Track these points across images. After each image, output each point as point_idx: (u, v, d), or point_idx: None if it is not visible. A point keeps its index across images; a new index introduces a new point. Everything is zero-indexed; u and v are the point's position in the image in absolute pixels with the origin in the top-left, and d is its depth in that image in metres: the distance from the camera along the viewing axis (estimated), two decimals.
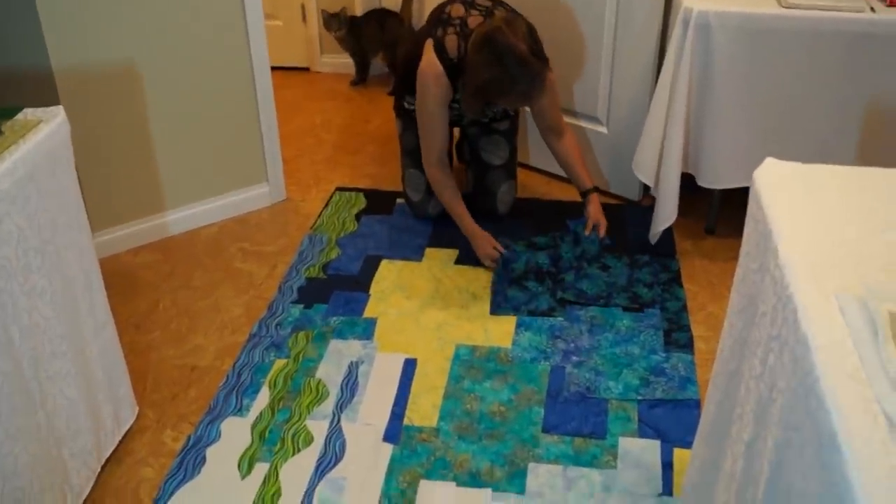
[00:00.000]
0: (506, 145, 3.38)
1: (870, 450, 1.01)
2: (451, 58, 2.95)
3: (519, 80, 2.79)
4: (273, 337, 2.78)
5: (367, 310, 2.91)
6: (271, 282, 3.07)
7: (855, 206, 1.49)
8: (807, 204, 1.50)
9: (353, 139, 4.17)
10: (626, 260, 3.17)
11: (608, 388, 2.56)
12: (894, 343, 1.15)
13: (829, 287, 1.27)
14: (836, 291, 1.26)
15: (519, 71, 2.77)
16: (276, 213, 3.53)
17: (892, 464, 1.00)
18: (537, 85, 2.83)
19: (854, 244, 1.38)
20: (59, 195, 1.99)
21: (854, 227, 1.43)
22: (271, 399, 2.53)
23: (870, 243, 1.38)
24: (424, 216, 3.41)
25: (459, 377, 2.61)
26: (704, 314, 2.89)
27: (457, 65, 2.95)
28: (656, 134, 3.03)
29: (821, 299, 1.25)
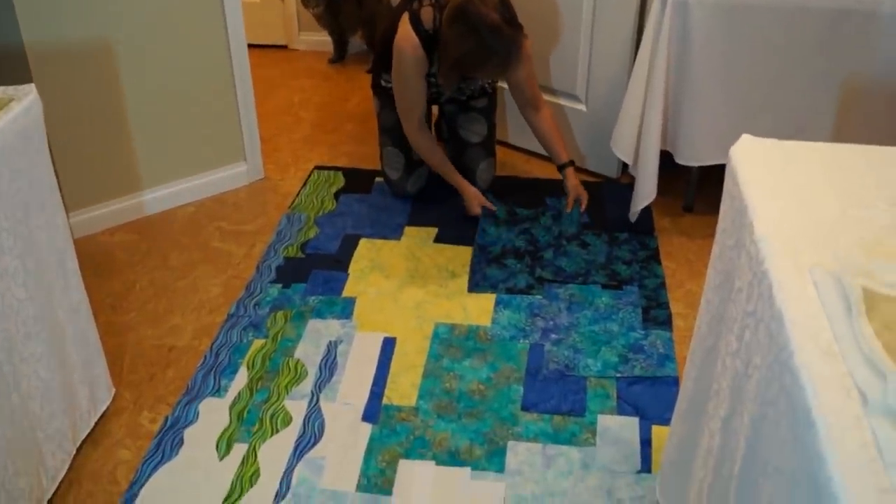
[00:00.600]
0: (484, 123, 3.37)
1: (843, 424, 1.02)
2: (426, 29, 2.95)
3: (495, 50, 2.79)
4: (251, 317, 2.77)
5: (346, 289, 2.90)
6: (249, 261, 3.06)
7: (830, 183, 1.49)
8: (782, 180, 1.49)
9: (331, 118, 4.14)
10: (605, 237, 3.17)
11: (587, 365, 2.56)
12: (867, 318, 1.16)
13: (803, 263, 1.27)
14: (810, 267, 1.26)
15: (494, 40, 2.77)
16: (253, 192, 3.52)
17: (866, 438, 1.00)
18: (513, 53, 2.83)
19: (829, 220, 1.38)
20: (31, 175, 1.97)
21: (829, 204, 1.43)
22: (249, 379, 2.52)
23: (844, 219, 1.38)
24: (403, 194, 3.40)
25: (438, 356, 2.61)
26: (683, 291, 2.90)
27: (432, 36, 2.95)
28: (635, 111, 3.02)
29: (795, 275, 1.25)
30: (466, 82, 3.20)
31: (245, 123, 3.46)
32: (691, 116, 2.99)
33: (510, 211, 3.27)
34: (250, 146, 3.51)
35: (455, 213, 3.30)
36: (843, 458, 0.98)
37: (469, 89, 3.28)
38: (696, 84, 2.93)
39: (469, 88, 3.28)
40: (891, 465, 0.97)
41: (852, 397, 1.05)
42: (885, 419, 1.02)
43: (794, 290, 1.22)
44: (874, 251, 1.29)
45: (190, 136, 3.35)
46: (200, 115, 3.34)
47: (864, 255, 1.29)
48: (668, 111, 3.01)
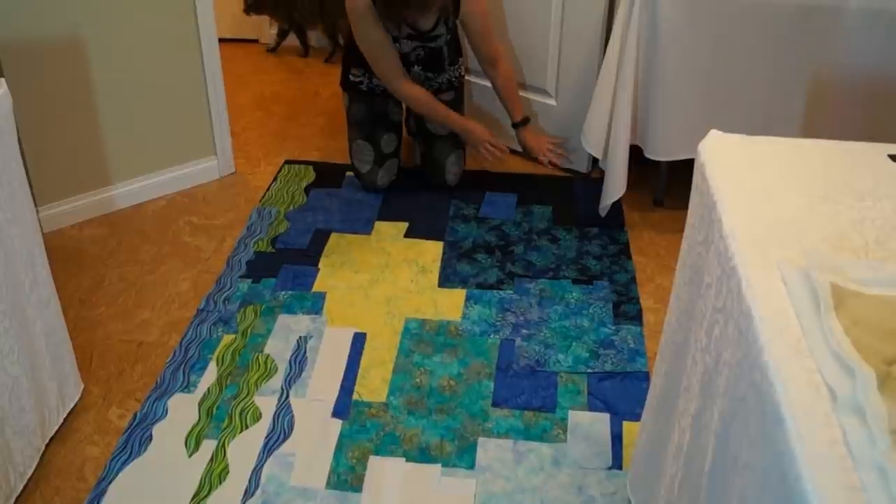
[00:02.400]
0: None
1: (812, 421, 1.01)
2: None
3: None
4: (221, 312, 2.75)
5: (316, 284, 2.88)
6: (219, 256, 3.03)
7: (798, 178, 1.49)
8: (750, 175, 1.49)
9: (302, 112, 4.12)
10: (576, 232, 3.16)
11: (558, 361, 2.55)
12: (836, 314, 1.15)
13: (772, 258, 1.27)
14: (779, 263, 1.26)
15: None
16: (224, 186, 3.49)
17: (834, 435, 0.99)
18: None
19: (797, 215, 1.38)
20: (0, 169, 1.93)
21: (797, 199, 1.42)
22: (219, 375, 2.50)
23: (813, 214, 1.38)
24: (373, 188, 3.38)
25: (409, 351, 2.59)
26: (653, 286, 2.90)
27: None
28: (604, 106, 3.02)
29: (764, 271, 1.24)
30: (429, 39, 3.17)
31: (215, 118, 3.43)
32: (660, 111, 2.99)
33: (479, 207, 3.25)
34: (221, 140, 3.49)
35: (426, 208, 3.29)
36: (812, 455, 0.97)
37: (436, 82, 3.27)
38: (665, 78, 2.93)
39: (436, 81, 3.27)
40: (859, 462, 0.96)
41: (821, 394, 1.05)
42: (854, 416, 1.02)
43: (763, 286, 1.21)
44: (842, 247, 1.29)
45: (160, 130, 3.31)
46: (171, 109, 3.30)
47: (832, 250, 1.28)
48: (637, 106, 3.01)
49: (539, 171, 3.58)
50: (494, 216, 3.25)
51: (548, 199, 3.37)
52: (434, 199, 3.34)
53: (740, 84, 2.92)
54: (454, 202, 3.35)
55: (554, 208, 3.32)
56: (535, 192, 3.42)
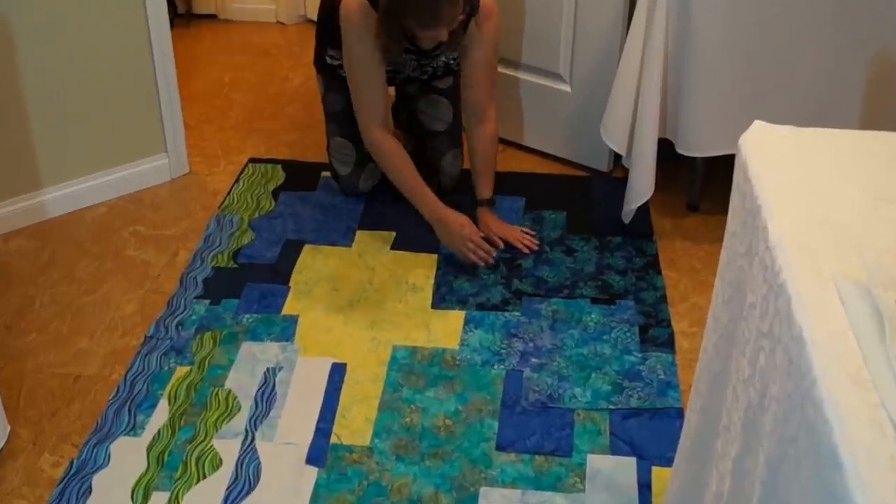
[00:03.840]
0: (448, 107, 3.36)
1: (875, 465, 1.01)
2: None
3: None
4: (173, 339, 2.75)
5: (287, 305, 2.88)
6: (171, 272, 3.04)
7: (857, 176, 1.49)
8: (801, 174, 1.49)
9: (269, 101, 4.12)
10: (595, 242, 3.17)
11: (574, 395, 2.56)
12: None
13: (827, 273, 1.27)
14: (835, 277, 1.26)
15: None
16: (176, 189, 3.49)
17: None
18: None
19: (856, 221, 1.38)
20: None
21: (856, 202, 1.43)
22: (171, 414, 2.50)
23: (874, 220, 1.38)
24: (354, 192, 3.38)
25: (397, 385, 2.59)
26: (687, 306, 2.90)
27: None
28: (628, 93, 3.02)
29: (818, 287, 1.24)
30: (427, 58, 3.17)
31: (166, 108, 3.43)
32: (695, 98, 2.99)
33: None
34: (172, 135, 3.49)
35: (417, 215, 3.29)
36: None
37: (431, 66, 3.27)
38: (700, 59, 2.94)
39: (430, 66, 3.27)
40: None
41: (886, 433, 1.05)
42: None
43: (816, 305, 1.21)
44: None
45: (100, 124, 3.31)
46: (113, 99, 3.30)
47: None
48: (667, 92, 3.02)
49: (551, 170, 3.59)
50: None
51: (561, 203, 3.38)
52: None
53: (789, 66, 2.93)
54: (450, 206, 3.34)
55: (568, 214, 3.32)
56: (545, 195, 3.43)
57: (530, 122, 3.68)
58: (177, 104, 3.47)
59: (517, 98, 3.65)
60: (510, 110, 3.63)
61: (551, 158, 3.65)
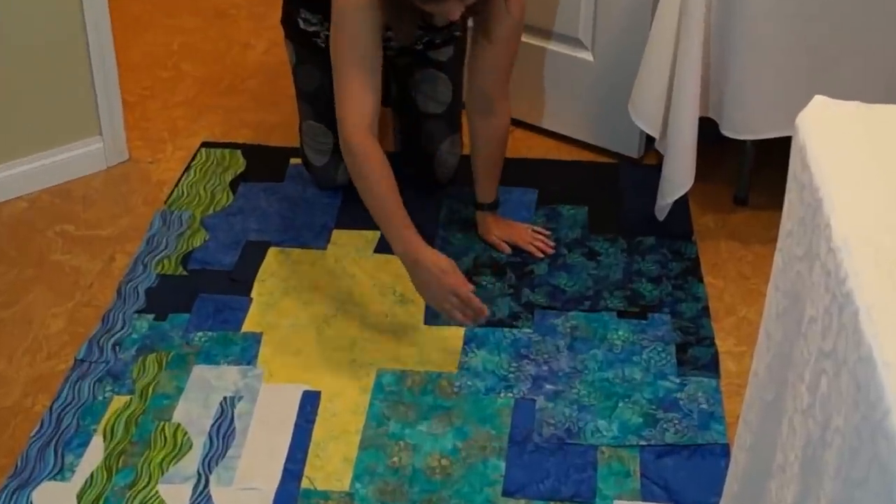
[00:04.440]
0: (447, 84, 3.35)
1: None
2: None
3: None
4: (109, 363, 2.74)
5: (248, 321, 2.88)
6: (107, 281, 3.03)
7: None
8: (872, 160, 1.50)
9: (226, 72, 4.12)
10: (622, 244, 3.17)
11: (597, 429, 2.56)
12: None
13: None
14: None
15: None
16: (113, 180, 3.49)
17: None
18: None
19: None
20: None
21: None
22: (107, 454, 2.49)
23: None
24: (331, 185, 3.38)
25: (382, 417, 2.59)
26: (734, 321, 2.91)
27: None
28: (662, 63, 3.03)
29: (891, 298, 1.25)
30: (433, 31, 3.13)
31: (100, 81, 3.43)
32: (743, 70, 3.00)
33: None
34: (108, 114, 3.49)
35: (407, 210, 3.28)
36: None
37: (428, 34, 3.24)
38: (748, 24, 2.95)
39: (428, 33, 3.24)
40: None
41: None
42: None
43: (889, 320, 1.22)
44: None
45: (19, 100, 3.31)
46: (35, 71, 3.31)
47: None
48: (709, 62, 3.02)
49: (569, 156, 3.60)
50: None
51: (582, 196, 3.38)
52: (419, 197, 3.32)
53: (855, 32, 2.93)
54: (447, 201, 3.36)
55: (590, 209, 3.32)
56: (563, 186, 3.44)
57: (544, 98, 3.69)
58: (113, 76, 3.47)
59: (527, 69, 3.62)
60: (519, 84, 3.61)
61: (569, 142, 3.66)
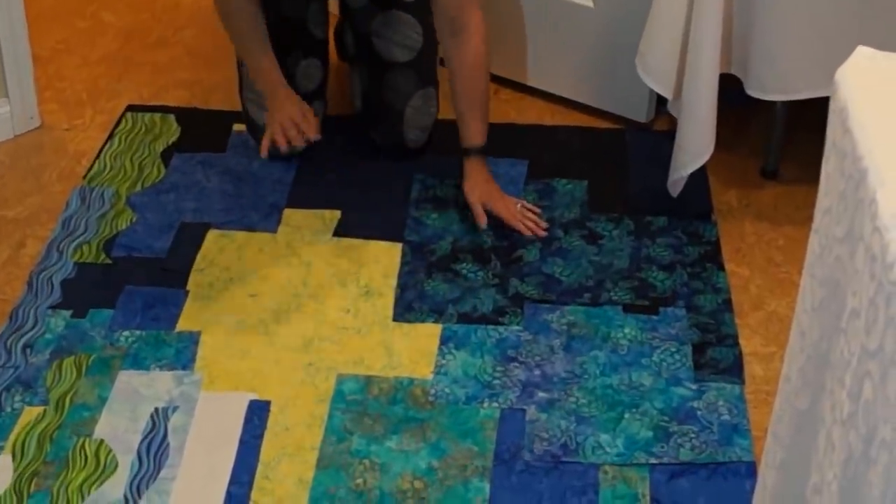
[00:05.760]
0: (415, 26, 3.34)
1: None
2: None
3: None
4: (19, 368, 2.74)
5: (183, 318, 2.89)
6: (15, 272, 3.04)
7: None
8: None
9: (156, 21, 4.12)
10: (629, 224, 3.19)
11: (599, 445, 2.56)
12: None
13: None
14: None
15: None
16: (21, 150, 3.50)
17: None
18: None
19: None
20: None
21: None
22: (17, 476, 2.49)
23: None
24: (281, 152, 3.35)
25: (344, 432, 2.59)
26: (761, 315, 2.92)
27: None
28: (676, 10, 3.03)
29: None
30: None
31: (5, 33, 3.43)
32: (772, 18, 3.00)
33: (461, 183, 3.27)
34: (15, 72, 3.49)
35: (371, 185, 3.29)
36: None
37: None
38: None
39: None
40: None
41: None
42: None
43: None
44: None
45: None
46: None
47: None
48: (732, 9, 3.02)
49: (565, 121, 3.61)
50: None
51: (580, 169, 3.40)
52: (385, 170, 3.35)
53: None
54: (420, 176, 3.37)
55: (591, 184, 3.33)
56: (558, 157, 3.45)
57: (535, 53, 3.69)
58: (21, 27, 3.48)
59: (514, 18, 3.66)
60: (504, 36, 3.63)
61: (566, 104, 3.68)
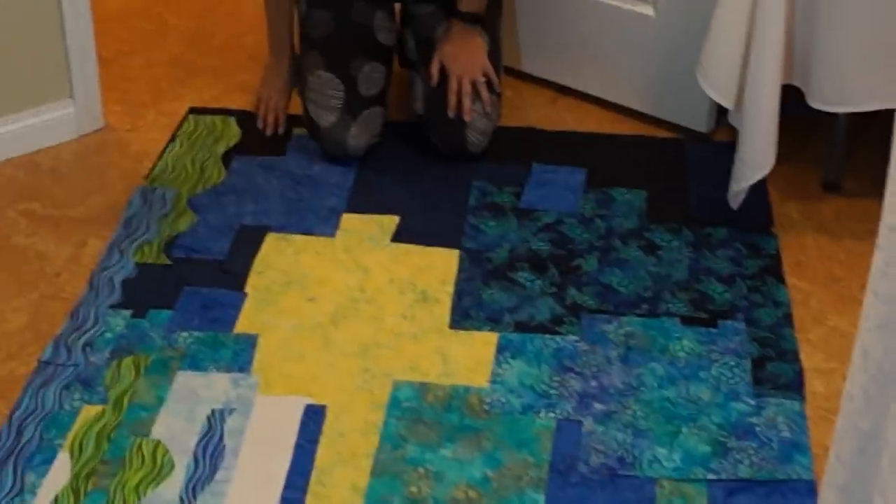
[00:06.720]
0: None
1: None
2: None
3: None
4: (79, 366, 2.74)
5: (241, 320, 2.89)
6: (77, 270, 3.04)
7: None
8: None
9: (219, 25, 4.15)
10: (688, 236, 3.17)
11: (656, 459, 2.54)
12: None
13: None
14: None
15: None
16: (86, 150, 3.51)
17: None
18: None
19: None
20: None
21: None
22: (74, 474, 2.49)
23: None
24: (342, 154, 3.38)
25: (399, 439, 2.59)
26: (823, 331, 2.90)
27: None
28: (738, 19, 3.02)
29: None
30: None
31: (72, 34, 3.44)
32: (836, 28, 2.99)
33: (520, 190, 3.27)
34: (80, 73, 3.50)
35: (430, 192, 3.29)
36: None
37: None
38: None
39: None
40: None
41: None
42: None
43: None
44: None
45: None
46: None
47: None
48: (795, 17, 3.01)
49: (624, 130, 3.60)
50: (547, 206, 3.26)
51: (639, 178, 3.39)
52: (444, 176, 3.35)
53: None
54: (478, 183, 3.35)
55: (650, 194, 3.32)
56: (616, 166, 3.44)
57: (595, 61, 3.69)
58: (88, 28, 3.49)
59: (575, 26, 3.66)
60: (565, 44, 3.64)
61: (625, 113, 3.68)
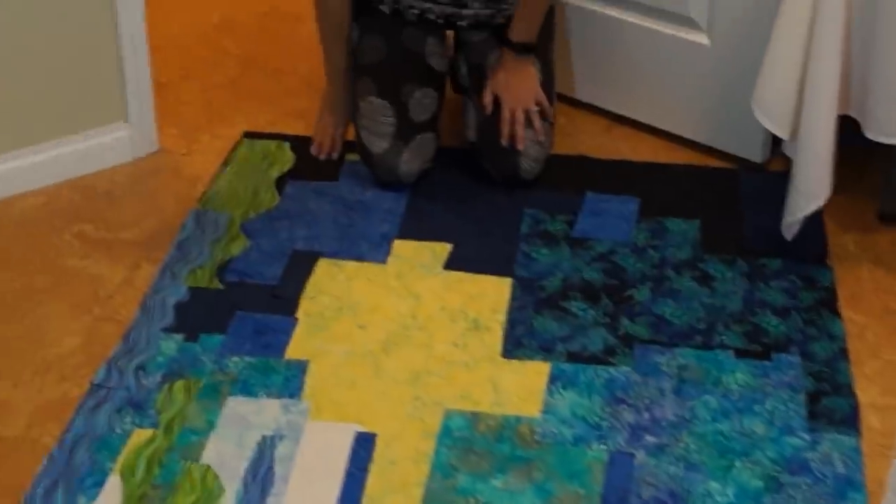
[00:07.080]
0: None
1: None
2: None
3: None
4: (131, 390, 2.75)
5: (292, 346, 2.88)
6: (130, 293, 3.05)
7: None
8: None
9: (274, 51, 4.16)
10: (743, 267, 3.16)
11: (708, 493, 2.53)
12: None
13: None
14: None
15: None
16: (140, 173, 3.52)
17: None
18: None
19: None
20: None
21: None
22: (125, 497, 2.49)
23: None
24: (394, 181, 3.39)
25: (449, 468, 2.58)
26: (879, 365, 2.88)
27: None
28: (794, 49, 3.01)
29: None
30: None
31: (129, 59, 3.46)
32: (891, 61, 2.97)
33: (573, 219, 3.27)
34: (136, 97, 3.52)
35: (483, 219, 3.28)
36: None
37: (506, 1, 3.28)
38: None
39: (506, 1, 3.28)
40: None
41: None
42: None
43: None
44: None
45: (35, 79, 3.35)
46: (54, 47, 3.33)
47: None
48: (850, 48, 3.00)
49: (678, 160, 3.59)
50: (600, 235, 3.25)
51: (693, 208, 3.37)
52: (496, 204, 3.35)
53: None
54: (531, 211, 3.35)
55: (703, 224, 3.31)
56: (670, 196, 3.43)
57: (649, 90, 3.70)
58: (144, 53, 3.50)
59: (629, 54, 3.67)
60: (618, 72, 3.64)
61: (680, 142, 3.67)
